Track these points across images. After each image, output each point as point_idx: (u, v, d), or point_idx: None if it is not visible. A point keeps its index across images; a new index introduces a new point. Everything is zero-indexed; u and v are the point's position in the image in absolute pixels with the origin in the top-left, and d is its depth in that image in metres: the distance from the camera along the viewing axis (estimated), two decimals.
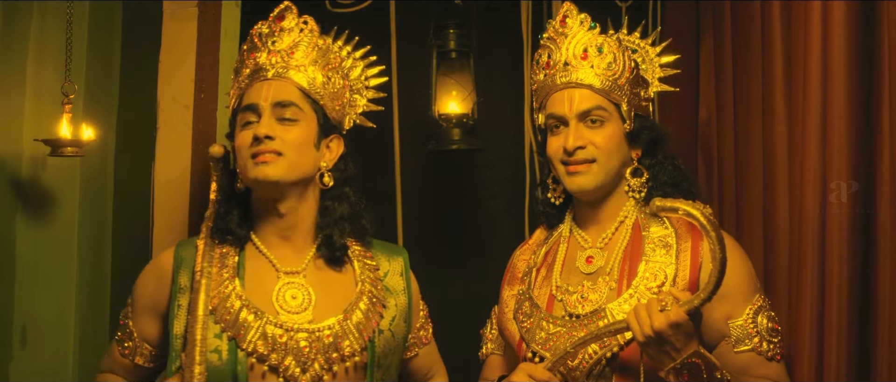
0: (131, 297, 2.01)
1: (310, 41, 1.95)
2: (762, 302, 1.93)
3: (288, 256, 1.96)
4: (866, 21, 1.97)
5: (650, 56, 2.16)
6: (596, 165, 1.99)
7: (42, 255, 2.79)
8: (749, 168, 2.33)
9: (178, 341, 1.87)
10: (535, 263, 2.11)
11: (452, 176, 3.35)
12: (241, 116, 1.93)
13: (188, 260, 1.93)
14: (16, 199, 2.72)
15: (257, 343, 1.85)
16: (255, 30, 1.97)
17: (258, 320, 1.87)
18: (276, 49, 1.93)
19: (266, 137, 1.86)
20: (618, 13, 2.91)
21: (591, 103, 1.99)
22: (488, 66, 3.19)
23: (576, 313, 1.97)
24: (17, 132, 2.69)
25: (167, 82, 2.65)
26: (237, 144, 1.91)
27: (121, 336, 2.00)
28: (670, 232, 1.97)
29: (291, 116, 1.90)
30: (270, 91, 1.90)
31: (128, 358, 1.99)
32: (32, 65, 2.72)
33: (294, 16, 1.96)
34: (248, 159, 1.88)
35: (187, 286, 1.91)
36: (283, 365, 1.85)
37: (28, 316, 2.75)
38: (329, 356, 1.88)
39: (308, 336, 1.88)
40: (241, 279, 1.91)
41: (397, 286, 2.04)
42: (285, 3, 1.97)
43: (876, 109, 1.95)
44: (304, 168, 1.91)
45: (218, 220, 1.96)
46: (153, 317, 1.97)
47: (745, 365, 1.90)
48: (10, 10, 2.64)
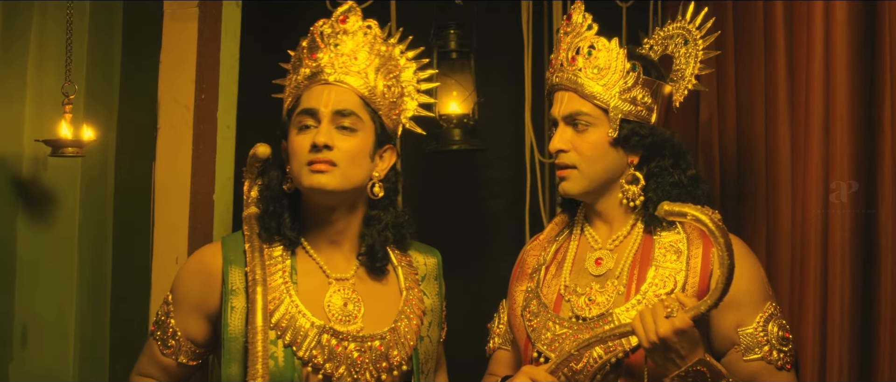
0: (172, 295, 1.98)
1: (373, 47, 1.93)
2: (773, 310, 1.91)
3: (337, 261, 1.95)
4: (868, 21, 1.96)
5: (699, 47, 2.07)
6: (577, 171, 1.96)
7: (42, 255, 2.78)
8: (751, 169, 2.32)
9: (233, 343, 1.86)
10: (544, 260, 2.09)
11: (453, 176, 3.35)
12: (298, 118, 1.91)
13: (238, 260, 1.91)
14: (16, 199, 2.71)
15: (314, 352, 1.84)
16: (316, 28, 1.94)
17: (314, 328, 1.86)
18: (339, 52, 1.90)
19: (324, 147, 1.85)
20: (618, 13, 2.91)
21: (573, 108, 1.96)
22: (489, 66, 3.19)
23: (582, 315, 1.95)
24: (17, 133, 2.69)
25: (168, 83, 2.65)
26: (294, 147, 1.89)
27: (161, 335, 1.97)
28: (682, 238, 1.95)
29: (350, 125, 1.88)
30: (331, 97, 1.88)
31: (170, 357, 1.96)
32: (33, 65, 2.72)
33: (358, 18, 1.93)
34: (303, 166, 1.87)
35: (240, 288, 1.89)
36: (337, 374, 1.85)
37: (28, 316, 2.75)
38: (379, 365, 1.89)
39: (359, 346, 1.88)
40: (295, 284, 1.90)
41: (432, 290, 2.05)
42: (349, 3, 1.94)
43: (877, 109, 1.95)
44: (357, 179, 1.90)
45: (267, 220, 1.94)
46: (199, 317, 1.94)
47: (754, 375, 1.88)
48: (10, 10, 2.63)
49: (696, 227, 1.93)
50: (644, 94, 1.97)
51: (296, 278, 1.91)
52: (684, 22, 2.11)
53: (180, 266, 2.02)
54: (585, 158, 1.95)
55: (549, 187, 3.07)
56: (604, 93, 1.94)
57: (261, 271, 1.87)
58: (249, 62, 2.81)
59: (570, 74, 1.97)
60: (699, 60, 2.07)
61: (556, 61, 2.02)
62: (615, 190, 1.99)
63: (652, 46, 2.17)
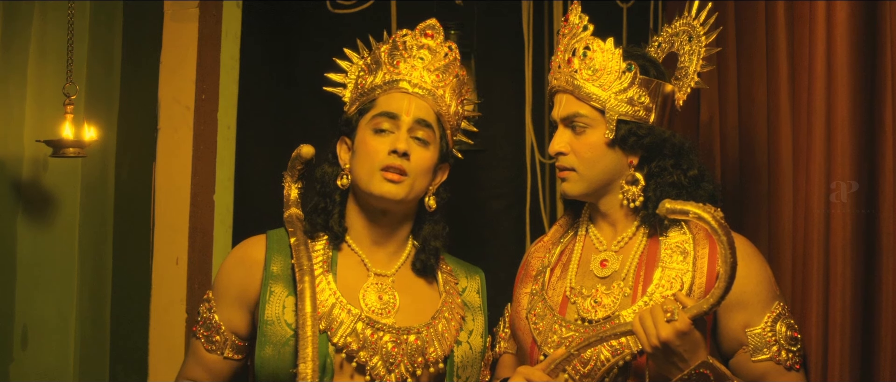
0: (213, 291, 2.01)
1: (450, 68, 2.01)
2: (781, 310, 1.90)
3: (379, 258, 2.00)
4: (869, 21, 1.96)
5: (702, 44, 2.05)
6: (576, 173, 1.96)
7: (43, 256, 2.79)
8: (752, 169, 2.32)
9: (269, 327, 1.90)
10: (549, 262, 2.09)
11: (453, 177, 3.34)
12: (375, 120, 1.95)
13: (282, 250, 1.96)
14: (17, 200, 2.72)
15: (349, 339, 1.89)
16: (398, 36, 2.02)
17: (350, 316, 1.90)
18: (421, 65, 1.98)
19: (404, 154, 1.91)
20: (619, 14, 2.90)
21: (570, 110, 1.96)
22: (489, 67, 3.18)
23: (589, 318, 1.94)
24: (18, 133, 2.69)
25: (168, 83, 2.65)
26: (369, 148, 1.94)
27: (206, 333, 1.99)
28: (688, 238, 1.93)
29: (425, 138, 1.95)
30: (412, 106, 1.95)
31: (216, 353, 1.99)
32: (33, 66, 2.72)
33: (440, 36, 2.02)
34: (376, 171, 1.92)
35: (281, 275, 1.94)
36: (370, 364, 1.89)
37: (29, 317, 2.75)
38: (414, 359, 1.92)
39: (394, 338, 1.92)
40: (333, 274, 1.95)
41: (474, 302, 2.08)
42: (432, 20, 2.03)
43: (879, 110, 1.94)
44: (420, 191, 1.97)
45: (316, 216, 1.99)
46: (241, 308, 1.97)
47: (763, 375, 1.87)
48: (10, 10, 2.64)
49: (701, 227, 1.92)
50: (642, 93, 1.95)
51: (335, 269, 1.96)
52: (689, 18, 2.10)
53: (222, 261, 2.06)
54: (584, 160, 1.95)
55: (549, 187, 3.07)
56: (600, 94, 1.93)
57: (308, 261, 1.91)
58: (249, 62, 2.81)
59: (567, 76, 1.97)
60: (701, 57, 2.05)
61: (555, 63, 2.02)
62: (616, 191, 1.98)
63: (660, 44, 2.15)
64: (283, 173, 2.06)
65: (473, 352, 2.03)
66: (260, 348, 1.90)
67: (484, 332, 2.07)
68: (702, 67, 2.04)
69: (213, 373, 2.01)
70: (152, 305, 2.71)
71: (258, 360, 1.90)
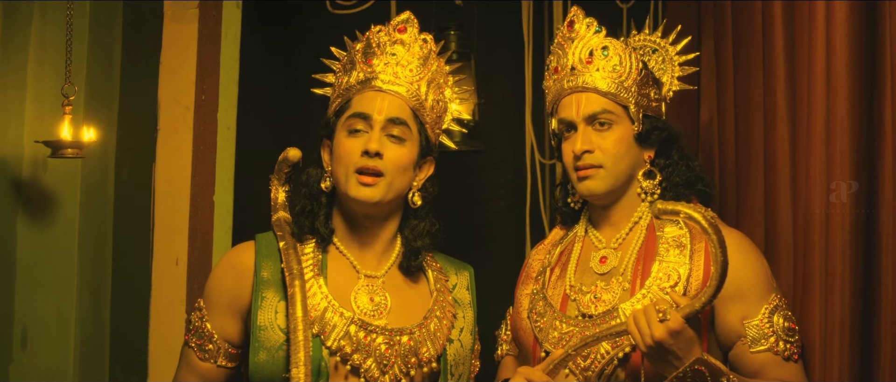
0: (204, 299, 1.99)
1: (427, 60, 1.98)
2: (778, 301, 1.92)
3: (367, 259, 1.99)
4: (869, 21, 1.96)
5: (670, 54, 2.15)
6: (603, 170, 1.98)
7: (43, 257, 2.78)
8: (750, 170, 2.32)
9: (262, 332, 1.89)
10: (549, 262, 2.11)
11: (453, 177, 3.34)
12: (348, 121, 1.94)
13: (271, 255, 1.95)
14: (16, 200, 2.72)
15: (342, 342, 1.88)
16: (372, 33, 1.99)
17: (343, 319, 1.89)
18: (395, 61, 1.95)
19: (376, 154, 1.88)
20: (619, 14, 2.91)
21: (598, 107, 1.99)
22: (489, 67, 3.18)
23: (589, 313, 1.97)
24: (17, 134, 2.69)
25: (168, 83, 2.65)
26: (342, 150, 1.92)
27: (199, 342, 1.98)
28: (685, 233, 1.97)
29: (400, 135, 1.92)
30: (384, 104, 1.92)
31: (210, 361, 1.97)
32: (33, 66, 2.72)
33: (415, 30, 1.99)
34: (351, 174, 1.90)
35: (271, 281, 1.93)
36: (364, 366, 1.88)
37: (29, 318, 2.75)
38: (408, 360, 1.91)
39: (387, 339, 1.91)
40: (324, 277, 1.94)
41: (464, 299, 2.07)
42: (407, 14, 2.00)
43: (878, 110, 1.94)
44: (400, 189, 1.94)
45: (303, 218, 1.98)
46: (233, 315, 1.96)
47: (761, 366, 1.89)
48: (10, 10, 2.64)
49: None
50: (653, 89, 2.05)
51: (325, 272, 1.95)
52: (646, 34, 2.19)
53: (212, 270, 2.05)
54: (611, 155, 1.98)
55: (549, 188, 3.07)
56: (623, 90, 1.99)
57: (297, 265, 1.90)
58: (249, 62, 2.81)
59: (585, 76, 2.00)
60: (677, 63, 2.15)
61: (564, 67, 2.04)
62: (634, 186, 2.03)
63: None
64: (270, 176, 2.05)
65: (464, 349, 2.02)
66: (253, 353, 1.89)
67: (473, 328, 2.06)
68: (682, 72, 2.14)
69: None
70: (152, 305, 2.71)
71: (252, 366, 1.89)
